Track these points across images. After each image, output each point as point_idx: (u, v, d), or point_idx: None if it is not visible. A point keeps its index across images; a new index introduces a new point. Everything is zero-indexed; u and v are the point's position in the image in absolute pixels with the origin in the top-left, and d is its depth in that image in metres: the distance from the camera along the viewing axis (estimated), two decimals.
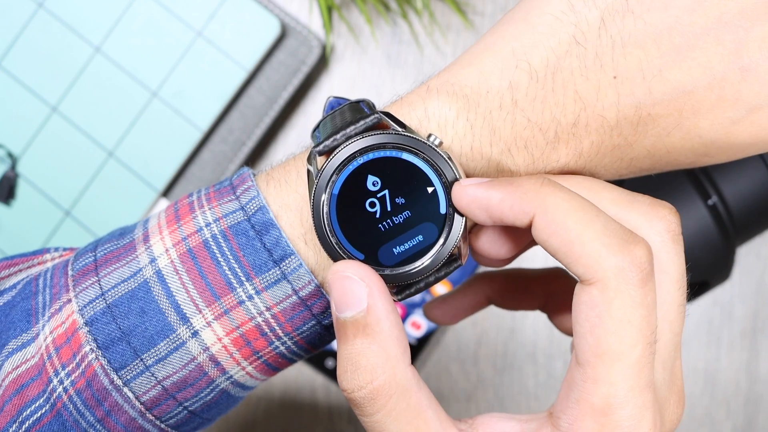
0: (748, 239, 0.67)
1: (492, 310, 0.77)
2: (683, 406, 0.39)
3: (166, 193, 0.74)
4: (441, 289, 0.76)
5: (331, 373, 0.77)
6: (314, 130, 0.41)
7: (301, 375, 0.78)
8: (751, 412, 0.78)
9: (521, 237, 0.40)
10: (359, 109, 0.39)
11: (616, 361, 0.35)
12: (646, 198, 0.39)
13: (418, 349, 0.77)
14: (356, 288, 0.37)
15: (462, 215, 0.39)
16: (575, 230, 0.35)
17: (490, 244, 0.40)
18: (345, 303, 0.37)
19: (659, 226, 0.38)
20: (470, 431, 0.38)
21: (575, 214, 0.36)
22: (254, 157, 0.78)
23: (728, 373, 0.77)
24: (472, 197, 0.38)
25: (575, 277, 0.36)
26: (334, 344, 0.76)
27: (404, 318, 0.76)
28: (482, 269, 0.74)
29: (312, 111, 0.78)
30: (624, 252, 0.35)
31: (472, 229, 0.41)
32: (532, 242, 0.41)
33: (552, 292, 0.47)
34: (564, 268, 0.47)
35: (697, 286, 0.66)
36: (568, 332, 0.45)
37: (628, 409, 0.35)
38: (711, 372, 0.78)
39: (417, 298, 0.76)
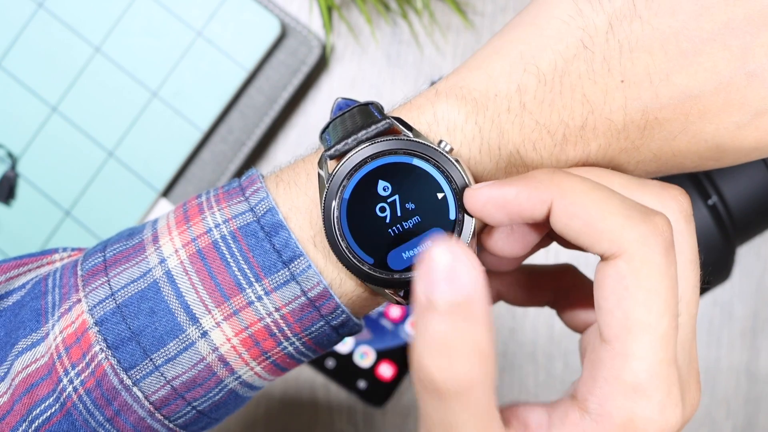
0: (748, 239, 0.67)
1: (492, 309, 0.77)
2: (700, 392, 0.39)
3: (166, 193, 0.74)
4: None
5: (331, 373, 0.77)
6: (323, 132, 0.41)
7: (301, 375, 0.78)
8: (751, 412, 0.78)
9: (532, 233, 0.40)
10: (369, 112, 0.40)
11: (644, 333, 0.35)
12: (656, 181, 0.40)
13: None
14: (466, 270, 0.32)
15: (473, 217, 0.39)
16: (595, 208, 0.36)
17: (503, 242, 0.40)
18: (446, 281, 0.32)
19: (672, 206, 0.39)
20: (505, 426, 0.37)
21: (592, 194, 0.36)
22: (254, 157, 0.78)
23: (728, 373, 0.78)
24: (487, 197, 0.38)
25: (598, 256, 0.36)
26: (337, 345, 0.77)
27: (405, 318, 0.77)
28: None
29: (312, 111, 0.78)
30: (646, 222, 0.35)
31: (483, 230, 0.41)
32: (541, 242, 0.41)
33: (562, 288, 0.47)
34: (572, 264, 0.47)
35: None
36: (578, 328, 0.45)
37: (658, 383, 0.35)
38: (711, 372, 0.78)
39: None
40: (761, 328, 0.77)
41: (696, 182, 0.65)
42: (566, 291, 0.46)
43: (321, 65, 0.77)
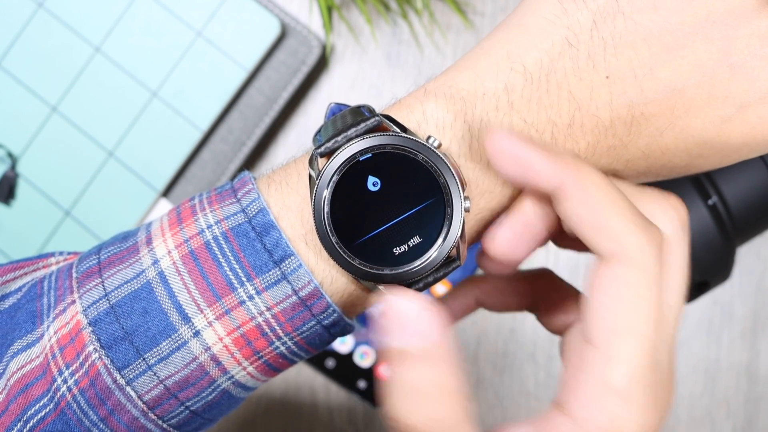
0: (748, 239, 0.67)
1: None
2: (672, 393, 0.40)
3: (166, 193, 0.75)
4: (441, 288, 0.76)
5: (331, 373, 0.77)
6: (316, 134, 0.41)
7: (301, 375, 0.78)
8: (751, 412, 0.78)
9: (536, 236, 0.41)
10: (360, 112, 0.40)
11: (632, 337, 0.36)
12: (655, 189, 0.41)
13: None
14: (425, 317, 0.36)
15: (461, 213, 0.39)
16: (607, 204, 0.37)
17: (506, 246, 0.41)
18: (408, 331, 0.35)
19: (672, 215, 0.40)
20: None
21: (606, 189, 0.37)
22: (254, 157, 0.78)
23: (728, 373, 0.78)
24: (514, 148, 0.38)
25: (595, 252, 0.37)
26: (334, 344, 0.77)
27: None
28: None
29: (312, 111, 0.78)
30: (647, 232, 0.37)
31: (486, 233, 0.41)
32: (540, 243, 0.41)
33: (539, 292, 0.47)
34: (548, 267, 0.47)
35: (697, 286, 0.66)
36: (557, 331, 0.46)
37: (641, 388, 0.36)
38: (711, 372, 0.78)
39: None
40: (761, 328, 0.77)
41: (696, 182, 0.64)
42: (544, 295, 0.47)
43: (321, 65, 0.77)
